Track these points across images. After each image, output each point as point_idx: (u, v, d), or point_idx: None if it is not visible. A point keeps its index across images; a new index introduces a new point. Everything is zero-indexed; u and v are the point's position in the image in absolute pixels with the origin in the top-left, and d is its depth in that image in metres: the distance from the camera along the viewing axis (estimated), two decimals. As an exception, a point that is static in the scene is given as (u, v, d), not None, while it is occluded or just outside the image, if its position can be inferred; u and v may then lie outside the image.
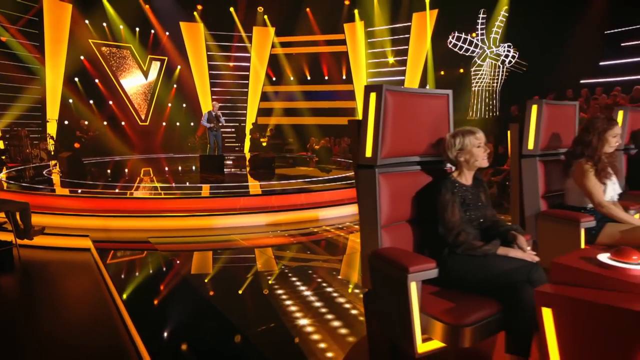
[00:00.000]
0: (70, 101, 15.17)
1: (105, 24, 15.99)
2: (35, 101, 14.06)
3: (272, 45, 18.10)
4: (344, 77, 17.67)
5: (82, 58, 15.53)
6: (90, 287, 3.99)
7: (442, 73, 14.93)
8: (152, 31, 16.98)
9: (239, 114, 18.52)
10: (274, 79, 18.56)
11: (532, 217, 3.06)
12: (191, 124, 17.69)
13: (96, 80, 16.08)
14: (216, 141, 10.66)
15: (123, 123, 16.70)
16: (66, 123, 15.00)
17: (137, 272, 4.38)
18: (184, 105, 17.91)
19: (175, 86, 17.89)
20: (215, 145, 10.68)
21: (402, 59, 15.95)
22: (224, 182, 8.37)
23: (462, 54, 13.37)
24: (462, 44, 13.19)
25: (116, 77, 16.66)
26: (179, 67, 17.67)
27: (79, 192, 7.05)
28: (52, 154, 13.67)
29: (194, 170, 11.11)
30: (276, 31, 17.95)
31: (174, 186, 8.26)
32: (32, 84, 14.10)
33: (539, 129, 3.03)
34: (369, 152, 2.15)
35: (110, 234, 5.57)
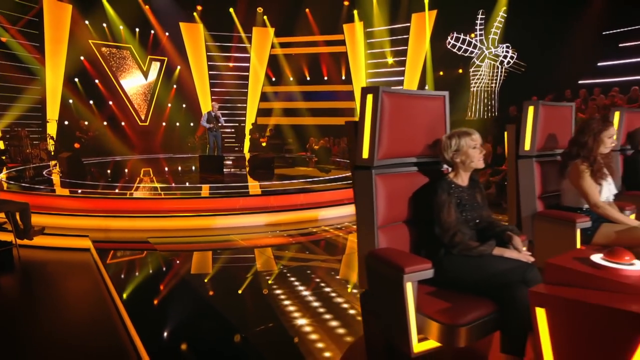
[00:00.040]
0: (70, 101, 15.18)
1: (105, 25, 16.00)
2: (35, 101, 14.06)
3: (272, 45, 18.12)
4: (343, 78, 17.68)
5: (82, 58, 15.54)
6: (90, 287, 4.00)
7: (441, 73, 14.94)
8: (152, 32, 16.99)
9: (238, 114, 18.53)
10: (273, 79, 18.57)
11: (529, 217, 3.08)
12: (191, 124, 17.70)
13: (96, 81, 16.09)
14: (216, 141, 10.67)
15: (123, 123, 16.71)
16: (66, 123, 15.01)
17: (136, 272, 4.40)
18: (183, 106, 17.91)
19: (175, 86, 17.90)
20: (214, 146, 10.69)
21: (401, 59, 15.98)
22: (223, 183, 8.38)
23: (461, 54, 13.39)
24: (460, 45, 13.21)
25: (116, 77, 16.68)
26: (178, 67, 17.68)
27: (79, 193, 7.07)
28: (52, 154, 13.67)
29: (193, 170, 11.13)
30: (276, 32, 17.96)
31: (173, 186, 8.28)
32: (32, 84, 14.10)
33: (535, 130, 3.05)
34: (365, 154, 2.17)
35: (109, 234, 5.58)
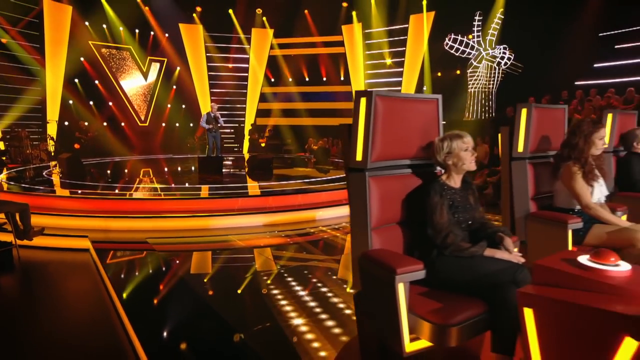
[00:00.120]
0: (70, 102, 15.22)
1: (105, 26, 16.04)
2: (35, 102, 14.10)
3: (271, 46, 18.16)
4: (342, 79, 17.73)
5: (82, 59, 15.59)
6: (89, 288, 4.04)
7: (438, 74, 14.99)
8: (151, 33, 17.03)
9: (237, 115, 18.57)
10: (272, 80, 18.61)
11: (522, 218, 3.11)
12: (190, 125, 17.74)
13: (96, 82, 16.14)
14: (215, 142, 10.70)
15: (123, 124, 16.76)
16: (66, 124, 15.05)
17: (135, 273, 4.43)
18: (183, 107, 17.95)
19: (175, 87, 17.94)
20: (214, 146, 10.72)
21: (400, 60, 16.02)
22: (222, 183, 8.41)
23: (459, 55, 13.42)
24: (458, 46, 13.24)
25: (116, 78, 16.71)
26: (178, 68, 17.73)
27: (79, 193, 7.10)
28: (52, 154, 13.71)
29: (192, 171, 11.15)
30: (274, 33, 18.00)
31: (172, 187, 8.30)
32: (33, 85, 14.14)
33: (528, 132, 3.08)
34: (359, 156, 2.19)
35: (109, 234, 5.61)
